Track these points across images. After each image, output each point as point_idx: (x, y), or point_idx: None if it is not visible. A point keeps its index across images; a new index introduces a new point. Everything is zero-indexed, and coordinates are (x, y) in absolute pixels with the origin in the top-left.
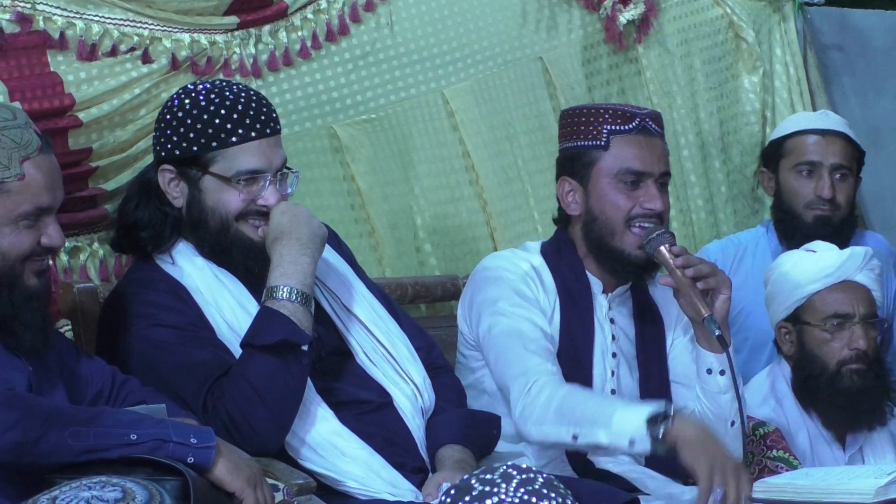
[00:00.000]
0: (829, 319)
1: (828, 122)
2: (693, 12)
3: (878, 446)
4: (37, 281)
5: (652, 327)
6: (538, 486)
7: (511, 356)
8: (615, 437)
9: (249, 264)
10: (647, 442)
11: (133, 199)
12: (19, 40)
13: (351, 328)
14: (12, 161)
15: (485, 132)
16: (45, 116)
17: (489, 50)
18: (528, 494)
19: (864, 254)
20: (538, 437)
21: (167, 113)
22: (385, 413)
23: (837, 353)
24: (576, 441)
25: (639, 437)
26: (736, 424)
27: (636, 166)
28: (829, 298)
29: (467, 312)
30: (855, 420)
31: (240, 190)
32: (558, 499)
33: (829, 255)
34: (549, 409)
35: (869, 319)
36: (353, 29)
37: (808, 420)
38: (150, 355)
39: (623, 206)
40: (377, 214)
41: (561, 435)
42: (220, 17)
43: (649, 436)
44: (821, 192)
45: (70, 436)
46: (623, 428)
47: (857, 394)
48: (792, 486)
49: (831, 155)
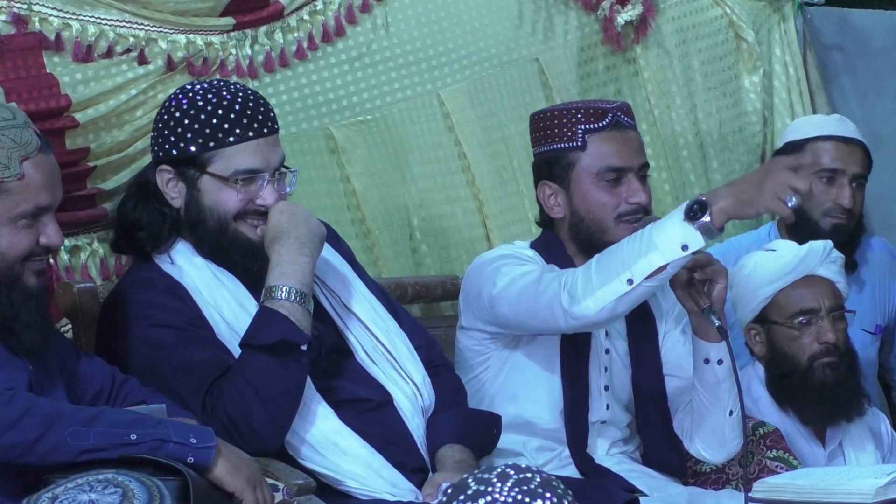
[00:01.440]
0: (796, 316)
1: (848, 130)
2: (692, 13)
3: (857, 440)
4: (36, 280)
5: (643, 322)
6: (534, 486)
7: (529, 283)
8: (668, 252)
9: (248, 264)
10: (699, 235)
11: (131, 200)
12: (15, 42)
13: (350, 327)
14: (12, 161)
15: (480, 133)
16: (41, 117)
17: (485, 51)
18: (521, 494)
19: (824, 247)
20: (597, 307)
21: (164, 113)
22: (385, 412)
23: (808, 349)
24: (632, 285)
25: (689, 236)
26: (734, 414)
27: (616, 163)
28: (793, 295)
29: (472, 302)
30: (832, 413)
31: (238, 190)
32: (554, 498)
33: (788, 253)
34: (590, 275)
35: (835, 311)
36: (349, 30)
37: (786, 418)
38: (150, 355)
39: (608, 203)
40: (373, 215)
41: (616, 288)
42: (216, 18)
43: (698, 229)
44: (842, 201)
45: (70, 436)
46: (670, 238)
47: (831, 387)
48: (792, 487)
49: (853, 164)
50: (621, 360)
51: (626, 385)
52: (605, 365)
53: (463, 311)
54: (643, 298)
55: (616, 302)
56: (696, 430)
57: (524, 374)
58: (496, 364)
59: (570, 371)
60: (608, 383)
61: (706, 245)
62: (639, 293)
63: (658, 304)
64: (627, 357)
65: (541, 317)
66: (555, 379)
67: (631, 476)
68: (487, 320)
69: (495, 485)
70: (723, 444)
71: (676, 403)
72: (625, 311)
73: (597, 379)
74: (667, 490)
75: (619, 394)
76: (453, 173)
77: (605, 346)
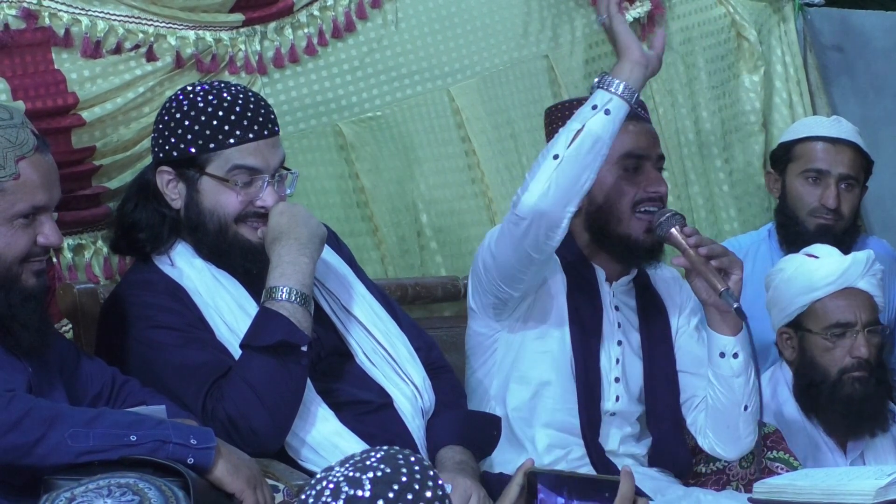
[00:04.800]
0: (832, 328)
1: (839, 131)
2: (696, 11)
3: (880, 452)
4: (35, 281)
5: (656, 317)
6: (370, 462)
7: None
8: (581, 115)
9: (248, 266)
10: (603, 92)
11: (131, 201)
12: (24, 37)
13: (350, 329)
14: (7, 160)
15: (489, 130)
16: (48, 115)
17: (495, 48)
18: (352, 470)
19: (867, 259)
20: (536, 193)
21: (165, 114)
22: (385, 414)
23: (839, 361)
24: (558, 159)
25: (596, 97)
26: (749, 409)
27: (636, 150)
28: (831, 306)
29: (477, 269)
30: (857, 427)
31: (237, 191)
32: (387, 469)
33: (831, 262)
34: (528, 173)
35: (871, 326)
36: (360, 26)
37: (810, 426)
38: (149, 357)
39: (628, 191)
40: (381, 212)
41: (547, 168)
42: (225, 14)
43: (601, 88)
44: (826, 202)
45: (69, 437)
46: (582, 108)
47: (859, 401)
48: (792, 487)
49: (840, 164)
50: (634, 352)
51: (637, 377)
52: (617, 357)
53: (471, 289)
54: (582, 176)
55: (549, 181)
56: (710, 427)
57: (534, 362)
58: (503, 347)
59: (581, 361)
60: (619, 375)
61: (624, 105)
62: (567, 167)
63: (672, 298)
64: (640, 349)
65: (508, 231)
66: (566, 368)
67: (636, 479)
68: (489, 280)
69: (334, 468)
70: (737, 441)
71: (691, 400)
72: (564, 193)
73: (608, 370)
74: (669, 492)
75: (630, 386)
76: (462, 170)
77: (618, 338)
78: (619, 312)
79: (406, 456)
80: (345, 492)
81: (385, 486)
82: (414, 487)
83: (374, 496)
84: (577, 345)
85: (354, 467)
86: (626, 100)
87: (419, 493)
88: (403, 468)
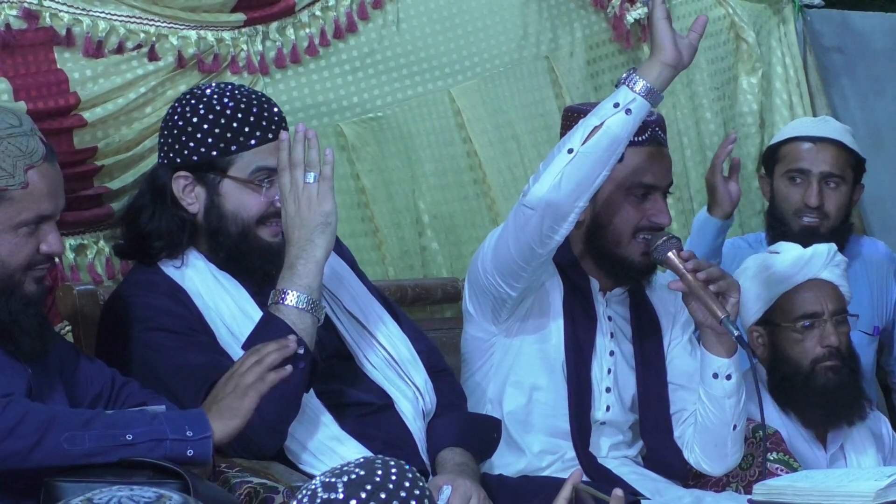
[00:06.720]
0: (800, 320)
1: (824, 130)
2: (697, 12)
3: (858, 443)
4: (35, 287)
5: (650, 329)
6: (347, 468)
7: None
8: (601, 112)
9: (268, 268)
10: (627, 90)
11: (147, 210)
12: (26, 37)
13: (352, 331)
14: (17, 169)
15: (491, 131)
16: (49, 116)
17: (496, 49)
18: (329, 476)
19: (828, 251)
20: (547, 184)
21: (179, 119)
22: (386, 416)
23: (810, 352)
24: (572, 153)
25: (619, 95)
26: (738, 428)
27: (648, 180)
28: (797, 298)
29: (474, 270)
30: (834, 416)
31: (261, 193)
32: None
33: (791, 256)
34: (541, 166)
35: (838, 315)
36: (361, 27)
37: (787, 421)
38: (149, 358)
39: (632, 218)
40: (382, 213)
41: (560, 161)
42: (227, 14)
43: (626, 85)
44: (808, 200)
45: (66, 441)
46: (603, 105)
47: (833, 390)
48: (791, 489)
49: (821, 163)
50: (627, 362)
51: (630, 387)
52: (609, 367)
53: (468, 293)
54: (594, 172)
55: (561, 174)
56: (697, 443)
57: (529, 367)
58: (500, 351)
59: (574, 369)
60: (611, 385)
61: (646, 105)
62: (581, 162)
63: (666, 308)
64: (633, 361)
65: (514, 222)
66: (559, 374)
67: (632, 479)
68: (488, 279)
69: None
70: (723, 458)
71: (680, 413)
72: (575, 186)
73: (599, 380)
74: (668, 493)
75: (622, 396)
76: (464, 171)
77: (610, 349)
78: (612, 322)
79: (386, 461)
80: (320, 496)
81: (358, 487)
82: (388, 487)
83: (348, 497)
84: (570, 353)
85: (332, 474)
86: (649, 101)
87: (393, 491)
88: (379, 470)
